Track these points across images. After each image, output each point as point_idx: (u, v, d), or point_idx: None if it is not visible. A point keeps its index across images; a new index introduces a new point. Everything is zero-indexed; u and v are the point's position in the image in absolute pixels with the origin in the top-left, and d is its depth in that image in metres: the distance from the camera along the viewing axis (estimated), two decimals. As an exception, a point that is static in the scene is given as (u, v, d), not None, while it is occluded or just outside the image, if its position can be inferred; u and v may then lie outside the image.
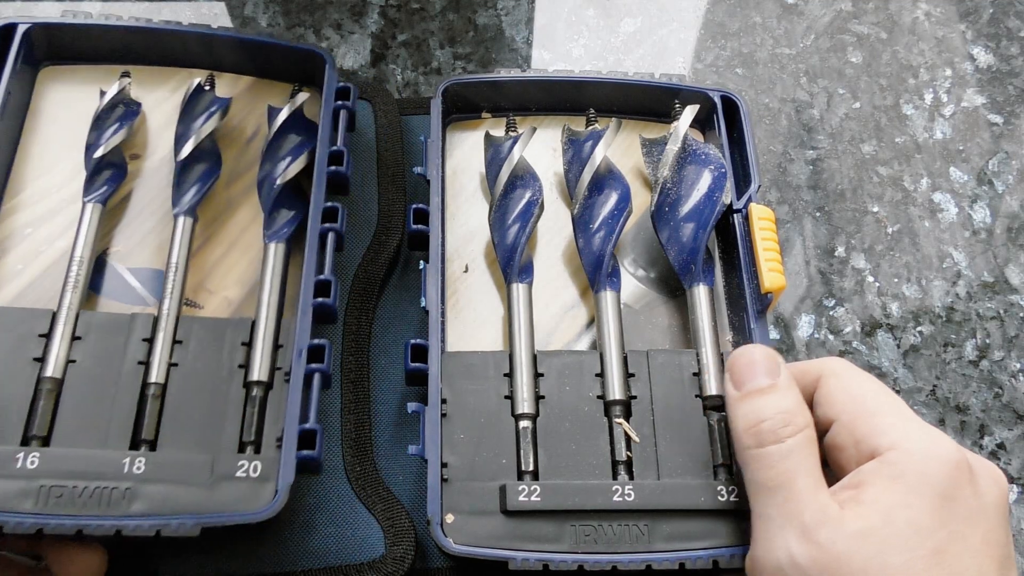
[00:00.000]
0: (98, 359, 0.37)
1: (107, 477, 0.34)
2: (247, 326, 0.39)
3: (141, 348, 0.38)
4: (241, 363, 0.38)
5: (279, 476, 0.35)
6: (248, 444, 0.37)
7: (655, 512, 0.36)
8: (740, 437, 0.34)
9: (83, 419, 0.36)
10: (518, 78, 0.46)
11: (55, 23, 0.44)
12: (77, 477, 0.34)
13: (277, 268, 0.41)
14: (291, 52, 0.46)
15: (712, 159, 0.43)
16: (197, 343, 0.38)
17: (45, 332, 0.38)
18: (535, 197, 0.43)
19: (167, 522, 0.33)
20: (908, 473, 0.32)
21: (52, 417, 0.36)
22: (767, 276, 0.40)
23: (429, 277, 0.40)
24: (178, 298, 0.40)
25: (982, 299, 0.51)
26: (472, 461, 0.37)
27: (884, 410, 0.34)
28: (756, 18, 0.59)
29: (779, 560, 0.32)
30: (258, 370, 0.38)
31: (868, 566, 0.30)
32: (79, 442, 0.36)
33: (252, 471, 0.35)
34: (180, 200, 0.42)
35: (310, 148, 0.43)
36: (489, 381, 0.39)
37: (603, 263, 0.41)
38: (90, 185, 0.41)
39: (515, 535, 0.35)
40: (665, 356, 0.40)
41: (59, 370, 0.37)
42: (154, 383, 0.37)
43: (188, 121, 0.43)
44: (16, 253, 0.41)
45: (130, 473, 0.34)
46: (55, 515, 0.33)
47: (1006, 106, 0.57)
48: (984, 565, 0.31)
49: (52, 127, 0.44)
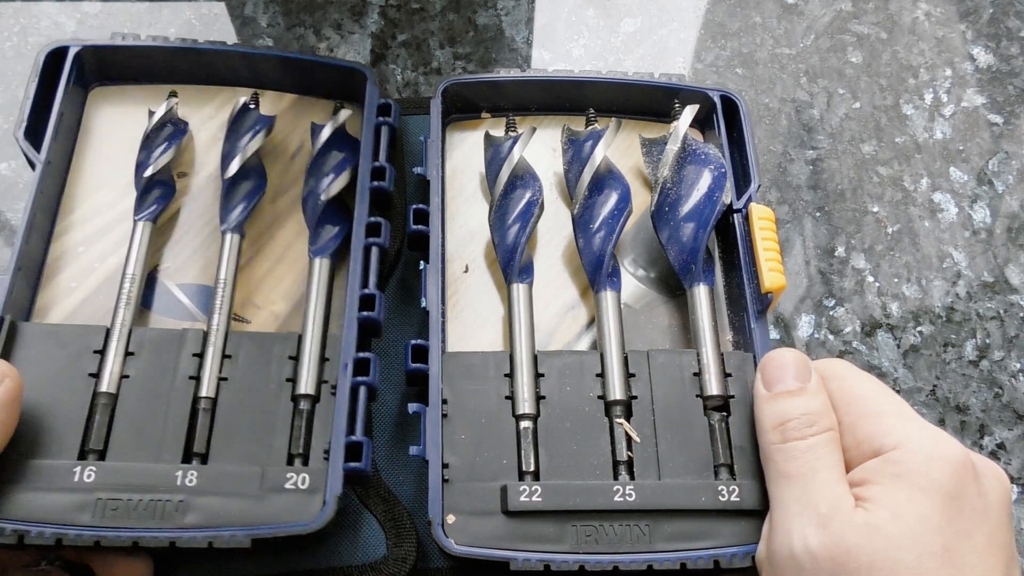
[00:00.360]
0: (151, 374, 0.38)
1: (161, 490, 0.35)
2: (294, 340, 0.40)
3: (192, 363, 0.39)
4: (289, 377, 0.39)
5: (327, 488, 0.36)
6: (296, 456, 0.37)
7: (656, 512, 0.36)
8: (766, 433, 0.35)
9: (137, 433, 0.37)
10: (518, 78, 0.46)
11: (104, 45, 0.45)
12: (132, 490, 0.35)
13: (323, 283, 0.42)
14: (333, 69, 0.46)
15: (712, 159, 0.43)
16: (246, 357, 0.39)
17: (100, 348, 0.38)
18: (535, 197, 0.43)
19: (219, 533, 0.34)
20: (913, 472, 0.32)
21: (107, 431, 0.37)
22: (767, 276, 0.40)
23: (429, 277, 0.40)
24: (227, 313, 0.40)
25: (982, 299, 0.51)
26: (473, 462, 0.37)
27: (888, 411, 0.34)
28: (756, 18, 0.59)
29: (793, 547, 0.32)
30: (305, 383, 0.39)
31: (877, 561, 0.30)
32: (133, 456, 0.36)
33: (301, 483, 0.36)
34: (227, 217, 0.43)
35: (353, 164, 0.43)
36: (490, 381, 0.39)
37: (603, 263, 0.41)
38: (141, 204, 0.42)
39: (516, 535, 0.35)
40: (665, 356, 0.40)
41: (114, 385, 0.38)
42: (205, 397, 0.38)
43: (234, 140, 0.43)
44: (70, 271, 0.42)
45: (183, 486, 0.35)
46: (112, 528, 0.34)
47: (1006, 106, 0.57)
48: (990, 564, 0.31)
49: (102, 146, 0.45)
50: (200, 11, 0.57)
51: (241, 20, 0.57)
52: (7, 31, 0.56)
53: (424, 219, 0.42)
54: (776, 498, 0.34)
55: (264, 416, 0.38)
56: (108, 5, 0.57)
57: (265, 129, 0.44)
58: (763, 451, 0.36)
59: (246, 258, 0.43)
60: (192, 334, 0.39)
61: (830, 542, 0.31)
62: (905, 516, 0.31)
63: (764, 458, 0.36)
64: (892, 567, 0.30)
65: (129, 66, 0.46)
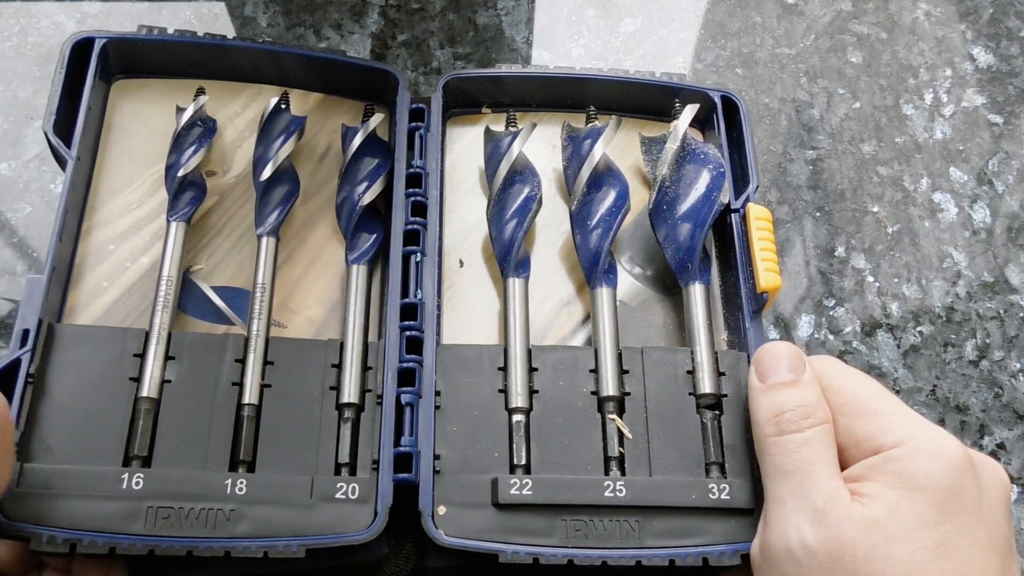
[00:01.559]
0: (193, 379, 0.38)
1: (212, 498, 0.35)
2: (336, 348, 0.39)
3: (234, 368, 0.38)
4: (332, 384, 0.39)
5: (378, 498, 0.36)
6: (343, 466, 0.37)
7: (646, 508, 0.36)
8: (761, 425, 0.35)
9: (182, 440, 0.36)
10: (519, 74, 0.46)
11: (132, 38, 0.44)
12: (183, 498, 0.35)
13: (361, 290, 0.41)
14: (361, 70, 0.46)
15: (711, 159, 0.43)
16: (287, 364, 0.39)
17: (139, 352, 0.38)
18: (533, 193, 0.43)
19: (273, 543, 0.34)
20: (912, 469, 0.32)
21: (152, 438, 0.36)
22: (763, 276, 0.40)
23: (426, 270, 0.40)
24: (266, 318, 0.40)
25: (982, 299, 0.51)
26: (465, 454, 0.37)
27: (886, 409, 0.34)
28: (756, 18, 0.60)
29: (789, 542, 0.32)
30: (348, 392, 0.38)
31: (873, 555, 0.30)
32: (178, 463, 0.36)
33: (351, 493, 0.36)
34: (264, 221, 0.42)
35: (386, 170, 0.43)
36: (483, 375, 0.39)
37: (600, 260, 0.41)
38: (174, 204, 0.42)
39: (506, 528, 0.35)
40: (660, 354, 0.40)
41: (155, 390, 0.37)
42: (248, 404, 0.38)
43: (267, 142, 0.43)
44: (100, 271, 0.41)
45: (234, 494, 0.35)
46: (165, 536, 0.34)
47: (1006, 106, 0.57)
48: (987, 559, 0.31)
49: (126, 142, 0.44)
50: (200, 11, 0.57)
51: (241, 20, 0.57)
52: (7, 31, 0.56)
53: (422, 212, 0.42)
54: (771, 493, 0.34)
55: (309, 424, 0.38)
56: (108, 5, 0.57)
57: (297, 131, 0.43)
58: (758, 444, 0.36)
59: (280, 261, 0.43)
60: (233, 339, 0.39)
61: (827, 537, 0.31)
62: (902, 512, 0.31)
63: (759, 452, 0.35)
64: (887, 561, 0.30)
65: (153, 59, 0.45)
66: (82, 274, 0.41)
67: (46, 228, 0.50)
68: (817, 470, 0.33)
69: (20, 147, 0.52)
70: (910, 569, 0.30)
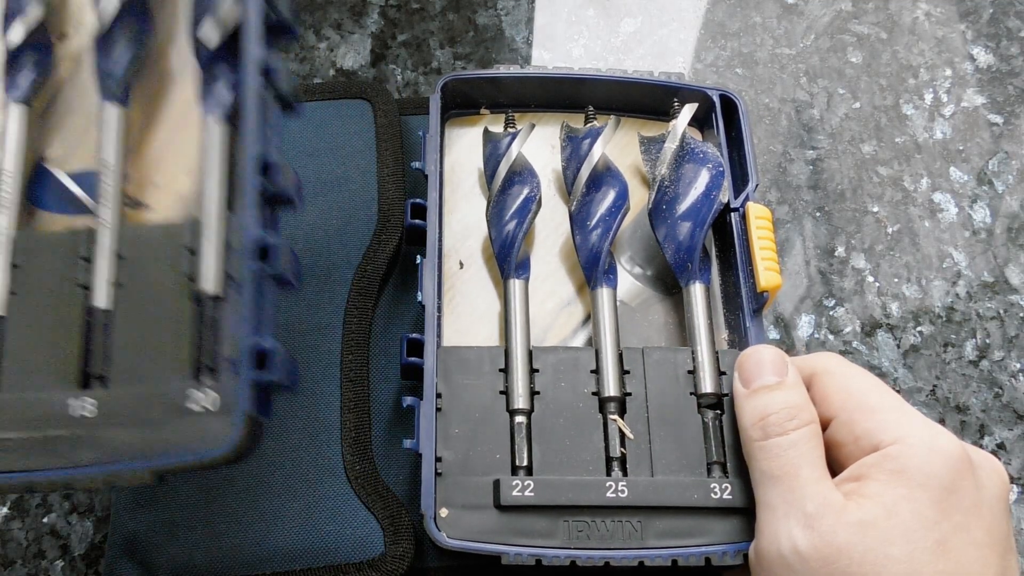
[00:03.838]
0: (42, 288, 0.33)
1: (53, 424, 0.31)
2: (193, 228, 0.33)
3: (81, 268, 0.33)
4: (188, 273, 0.33)
5: (236, 406, 0.30)
6: (204, 371, 0.32)
7: (648, 509, 0.36)
8: (747, 430, 0.35)
9: (29, 359, 0.32)
10: (517, 74, 0.46)
11: None
12: (22, 427, 0.31)
13: (220, 148, 0.34)
14: None
15: (710, 158, 0.43)
16: (142, 256, 0.33)
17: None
18: (533, 193, 0.43)
19: (119, 470, 0.30)
20: (910, 467, 0.32)
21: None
22: (763, 275, 0.40)
23: (426, 272, 0.40)
24: (117, 204, 0.34)
25: (982, 299, 0.51)
26: (466, 456, 0.37)
27: (884, 406, 0.34)
28: (756, 18, 0.59)
29: (782, 548, 0.32)
30: (207, 278, 0.32)
31: (868, 557, 0.30)
32: (25, 385, 0.32)
33: (210, 404, 0.30)
34: (105, 80, 0.35)
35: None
36: (484, 376, 0.39)
37: (600, 260, 0.41)
38: (10, 79, 0.35)
39: (508, 530, 0.35)
40: (660, 353, 0.40)
41: (1, 306, 0.33)
42: (99, 308, 0.33)
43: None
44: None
45: (80, 418, 0.31)
46: (4, 472, 0.30)
47: (1006, 106, 0.57)
48: (986, 557, 0.31)
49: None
50: (202, 10, 0.57)
51: (242, 19, 0.57)
52: (10, 29, 0.56)
53: (422, 214, 0.42)
54: (761, 498, 0.34)
55: (164, 324, 0.32)
56: None
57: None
58: (745, 450, 0.36)
59: (139, 130, 0.36)
60: (83, 235, 0.33)
61: (820, 542, 0.31)
62: (899, 512, 0.31)
63: (747, 458, 0.35)
64: (883, 563, 0.30)
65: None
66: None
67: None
68: (805, 473, 0.33)
69: (19, 148, 0.52)
70: (908, 570, 0.30)
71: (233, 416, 0.29)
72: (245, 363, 0.30)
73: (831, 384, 0.36)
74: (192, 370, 0.32)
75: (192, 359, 0.32)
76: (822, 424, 0.36)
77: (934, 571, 0.30)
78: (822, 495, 0.32)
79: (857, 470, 0.33)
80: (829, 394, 0.35)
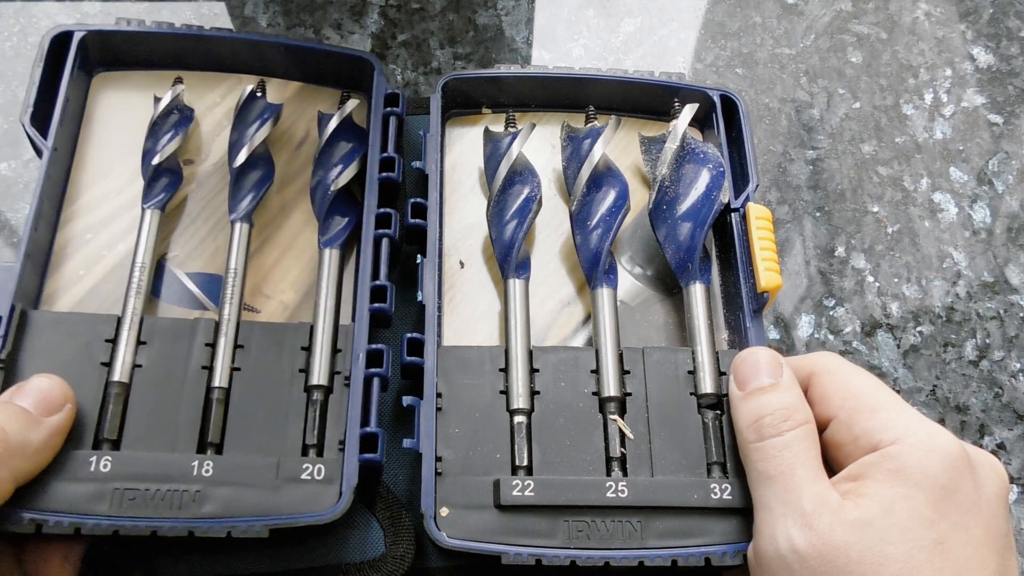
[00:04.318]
0: (163, 364, 0.38)
1: (177, 479, 0.35)
2: (306, 331, 0.39)
3: (204, 352, 0.38)
4: (301, 367, 0.39)
5: (343, 479, 0.36)
6: (311, 447, 0.37)
7: (648, 509, 0.36)
8: (742, 432, 0.35)
9: (151, 423, 0.37)
10: (518, 74, 0.46)
11: (109, 30, 0.45)
12: (149, 480, 0.35)
13: (333, 273, 0.41)
14: (339, 57, 0.46)
15: (710, 158, 0.43)
16: (258, 347, 0.39)
17: (111, 337, 0.38)
18: (533, 193, 0.43)
19: (237, 523, 0.34)
20: (909, 466, 0.32)
21: (121, 421, 0.37)
22: (763, 275, 0.40)
23: (426, 271, 0.40)
24: (238, 303, 0.40)
25: (982, 299, 0.51)
26: (466, 455, 0.37)
27: (883, 405, 0.34)
28: (756, 18, 0.59)
29: (780, 548, 0.32)
30: (318, 374, 0.38)
31: (866, 556, 0.30)
32: (148, 446, 0.36)
33: (317, 474, 0.36)
34: (237, 206, 0.42)
35: (361, 154, 0.43)
36: (485, 376, 0.39)
37: (600, 260, 0.41)
38: (149, 191, 0.42)
39: (508, 530, 0.35)
40: (660, 354, 0.40)
41: (126, 375, 0.38)
42: (218, 387, 0.38)
43: (242, 128, 0.43)
44: (78, 258, 0.42)
45: (200, 476, 0.35)
46: (131, 517, 0.34)
47: (1006, 106, 0.57)
48: (985, 556, 0.31)
49: (106, 133, 0.45)
50: (200, 11, 0.57)
51: (241, 20, 0.57)
52: (7, 31, 0.56)
53: (422, 213, 0.42)
54: (758, 499, 0.34)
55: (278, 406, 0.38)
56: (108, 5, 0.57)
57: (273, 118, 0.44)
58: (742, 452, 0.36)
59: (254, 247, 0.43)
60: (204, 324, 0.39)
61: (818, 540, 0.31)
62: (896, 511, 0.31)
63: (743, 459, 0.36)
64: (881, 561, 0.30)
65: (133, 52, 0.46)
66: (61, 262, 0.42)
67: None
68: (800, 473, 0.33)
69: (20, 147, 0.52)
70: (906, 569, 0.30)
71: (341, 487, 0.36)
72: (353, 446, 0.36)
73: (830, 384, 0.36)
74: (302, 444, 0.37)
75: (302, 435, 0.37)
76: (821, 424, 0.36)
77: (932, 569, 0.30)
78: (819, 494, 0.32)
79: (856, 469, 0.33)
80: (828, 394, 0.35)
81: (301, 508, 0.35)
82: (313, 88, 0.47)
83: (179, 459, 0.36)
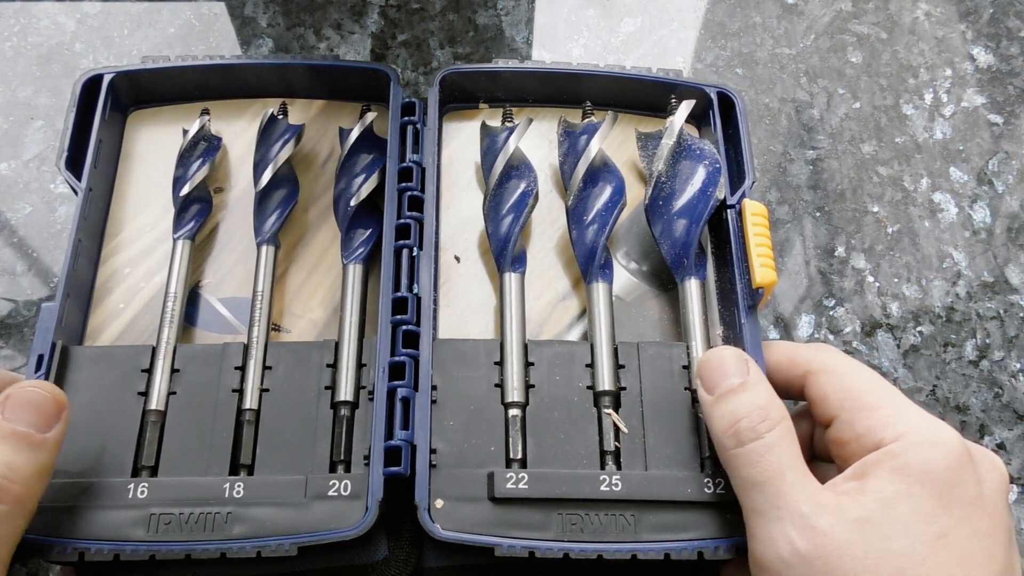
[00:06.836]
0: (196, 389, 0.39)
1: (210, 503, 0.36)
2: (331, 348, 0.40)
3: (234, 376, 0.39)
4: (327, 384, 0.39)
5: (369, 493, 0.36)
6: (339, 463, 0.38)
7: (642, 503, 0.36)
8: (720, 439, 0.35)
9: (186, 448, 0.38)
10: (516, 69, 0.46)
11: (135, 70, 0.46)
12: (183, 504, 0.36)
13: (356, 288, 0.42)
14: (358, 72, 0.47)
15: (707, 154, 0.43)
16: (285, 368, 0.39)
17: (147, 367, 0.39)
18: (530, 188, 0.43)
19: (267, 543, 0.35)
20: (911, 463, 0.32)
21: (158, 448, 0.38)
22: (758, 271, 0.40)
23: (422, 265, 0.40)
24: (266, 325, 0.41)
25: (982, 299, 0.51)
26: (461, 448, 0.37)
27: (884, 402, 0.34)
28: (756, 18, 0.60)
29: (781, 552, 0.31)
30: (344, 390, 0.39)
31: (870, 552, 0.30)
32: (183, 470, 0.37)
33: (343, 489, 0.36)
34: (262, 228, 0.43)
35: (381, 166, 0.44)
36: (480, 369, 0.39)
37: (596, 255, 0.41)
38: (179, 222, 0.43)
39: (502, 522, 0.35)
40: (655, 348, 0.40)
41: (162, 402, 0.39)
42: (248, 409, 0.39)
43: (264, 150, 0.44)
44: (118, 293, 0.43)
45: (231, 497, 0.36)
46: (166, 542, 0.35)
47: (1006, 106, 0.57)
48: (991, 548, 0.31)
49: (143, 168, 0.46)
50: (200, 11, 0.57)
51: (241, 20, 0.57)
52: (7, 31, 0.56)
53: (419, 206, 0.42)
54: (747, 505, 0.33)
55: (306, 425, 0.38)
56: (108, 5, 0.58)
57: (294, 138, 0.44)
58: (722, 458, 0.35)
59: (282, 268, 0.44)
60: (233, 347, 0.40)
61: (820, 541, 0.31)
62: (896, 506, 0.31)
63: (724, 465, 0.35)
64: (885, 557, 0.30)
65: (162, 88, 0.47)
66: (103, 297, 0.43)
67: (46, 228, 0.50)
68: (789, 476, 0.32)
69: (20, 147, 0.52)
70: (909, 563, 0.30)
71: (367, 502, 0.36)
72: (378, 460, 0.36)
73: (830, 383, 0.35)
74: (329, 460, 0.38)
75: (329, 452, 0.38)
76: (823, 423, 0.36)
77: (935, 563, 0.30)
78: (813, 496, 0.32)
79: (860, 468, 0.33)
80: (829, 393, 0.35)
81: (328, 525, 0.35)
82: (337, 104, 0.48)
83: (211, 482, 0.36)
